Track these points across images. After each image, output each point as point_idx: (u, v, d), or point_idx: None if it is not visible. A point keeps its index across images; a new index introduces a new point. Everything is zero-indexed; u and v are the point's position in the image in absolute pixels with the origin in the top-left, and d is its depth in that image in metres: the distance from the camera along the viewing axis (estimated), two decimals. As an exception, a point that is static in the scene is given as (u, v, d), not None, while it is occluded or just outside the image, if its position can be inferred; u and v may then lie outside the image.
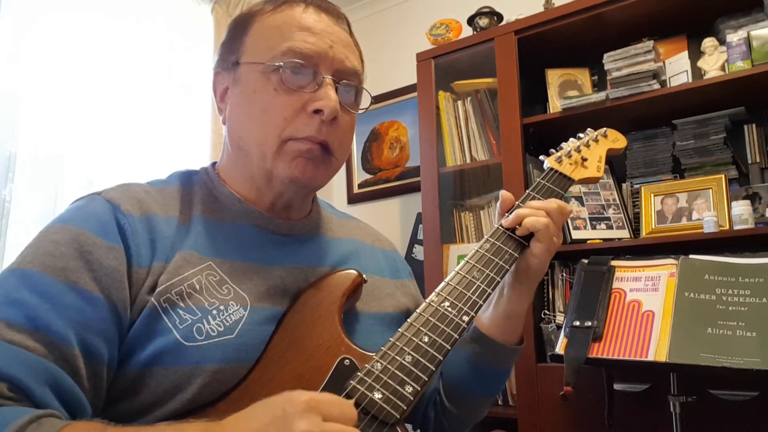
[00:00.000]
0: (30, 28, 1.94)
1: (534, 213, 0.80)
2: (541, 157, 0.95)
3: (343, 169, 2.88)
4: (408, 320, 0.71)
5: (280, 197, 0.79)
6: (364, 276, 0.80)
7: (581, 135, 0.99)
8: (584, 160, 0.93)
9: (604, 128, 1.01)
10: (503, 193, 0.85)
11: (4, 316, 0.60)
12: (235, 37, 0.80)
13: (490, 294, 0.75)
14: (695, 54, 1.92)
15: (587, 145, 0.95)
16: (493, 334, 0.84)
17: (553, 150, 0.95)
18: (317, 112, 0.74)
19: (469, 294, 0.74)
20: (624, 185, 2.04)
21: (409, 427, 0.92)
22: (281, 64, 0.74)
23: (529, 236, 0.81)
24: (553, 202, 0.82)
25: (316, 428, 0.51)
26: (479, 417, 0.92)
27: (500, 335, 0.84)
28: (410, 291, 0.94)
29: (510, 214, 0.82)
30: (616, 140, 1.00)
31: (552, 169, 0.91)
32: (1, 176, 1.84)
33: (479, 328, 0.85)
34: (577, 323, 1.39)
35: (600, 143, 0.98)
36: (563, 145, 0.96)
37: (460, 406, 0.88)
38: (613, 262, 1.51)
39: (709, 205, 1.78)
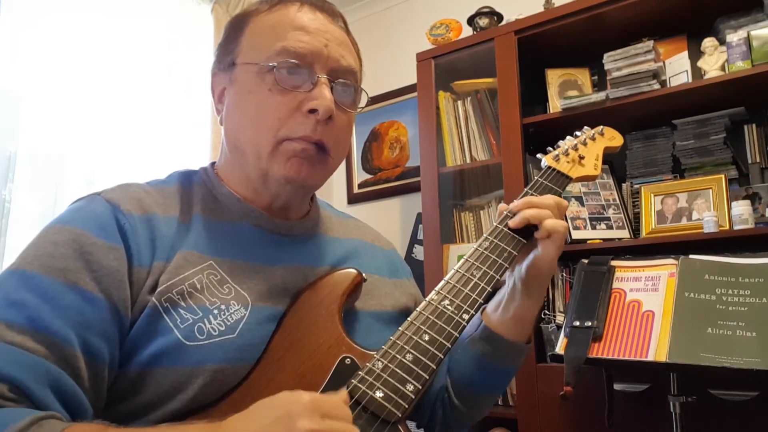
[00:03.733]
0: (30, 27, 1.94)
1: (546, 213, 0.79)
2: (539, 155, 0.94)
3: (343, 170, 2.88)
4: (408, 319, 0.71)
5: (277, 198, 0.79)
6: (363, 275, 0.80)
7: (578, 133, 0.98)
8: (581, 158, 0.92)
9: (601, 126, 1.01)
10: (501, 205, 0.85)
11: (4, 317, 0.59)
12: (231, 38, 0.80)
13: (490, 292, 0.74)
14: (695, 54, 1.92)
15: (584, 144, 0.95)
16: (503, 332, 0.83)
17: (550, 148, 0.94)
18: (312, 111, 0.73)
19: (468, 292, 0.74)
20: (624, 185, 2.04)
21: (412, 425, 0.93)
22: (275, 64, 0.74)
23: (529, 233, 0.80)
24: (550, 198, 0.82)
25: (319, 426, 0.52)
26: (484, 413, 0.93)
27: (510, 335, 0.84)
28: (409, 290, 0.94)
29: (513, 214, 0.81)
30: (613, 138, 1.00)
31: (550, 167, 0.90)
32: (1, 176, 1.85)
33: (489, 327, 0.85)
34: (577, 323, 1.39)
35: (597, 141, 0.97)
36: (560, 143, 0.96)
37: (467, 403, 0.88)
38: (613, 262, 1.51)
39: (709, 205, 1.78)
